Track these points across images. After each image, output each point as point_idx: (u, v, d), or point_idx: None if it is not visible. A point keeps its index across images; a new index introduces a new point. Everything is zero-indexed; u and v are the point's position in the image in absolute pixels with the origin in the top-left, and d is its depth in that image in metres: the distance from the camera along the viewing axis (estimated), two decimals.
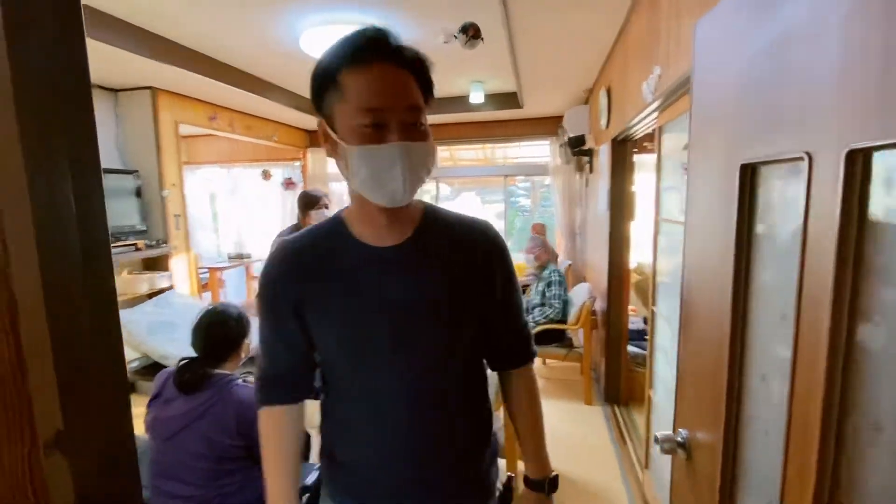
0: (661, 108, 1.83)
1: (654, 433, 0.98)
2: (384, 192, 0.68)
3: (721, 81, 0.80)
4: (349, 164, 0.68)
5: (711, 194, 0.85)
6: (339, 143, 0.69)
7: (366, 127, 0.66)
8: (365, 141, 0.66)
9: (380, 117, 0.66)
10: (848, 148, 0.51)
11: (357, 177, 0.68)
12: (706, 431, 0.87)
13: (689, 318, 0.95)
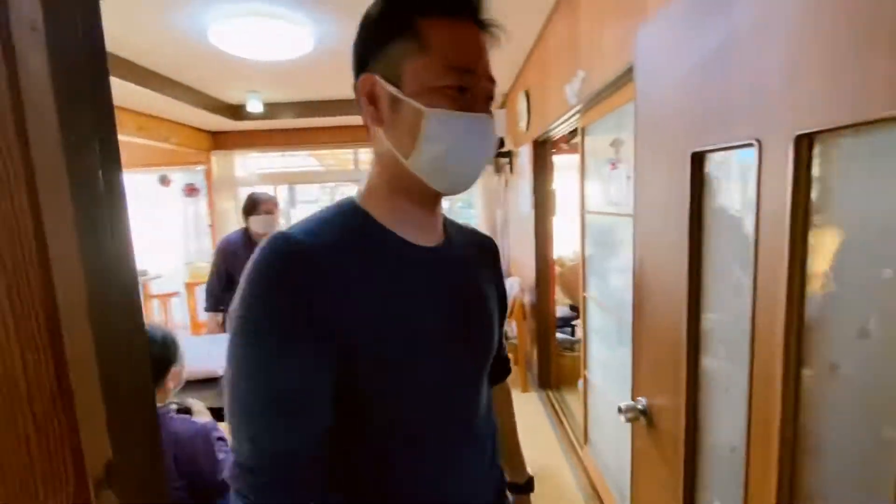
0: (584, 109, 1.99)
1: (619, 404, 1.06)
2: (457, 172, 0.57)
3: (667, 80, 0.90)
4: (421, 133, 0.54)
5: (662, 181, 0.94)
6: (409, 103, 0.54)
7: (450, 89, 0.54)
8: (450, 106, 0.54)
9: (467, 81, 0.55)
10: (796, 133, 0.61)
11: (428, 150, 0.54)
12: (667, 396, 0.97)
13: (644, 295, 1.05)
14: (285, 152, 5.92)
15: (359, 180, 4.74)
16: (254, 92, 4.09)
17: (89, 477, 0.23)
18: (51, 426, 0.22)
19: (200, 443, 1.17)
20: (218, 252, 2.48)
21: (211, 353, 2.25)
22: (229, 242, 2.50)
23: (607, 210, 1.80)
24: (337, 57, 3.21)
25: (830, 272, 0.60)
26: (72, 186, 0.28)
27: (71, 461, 0.22)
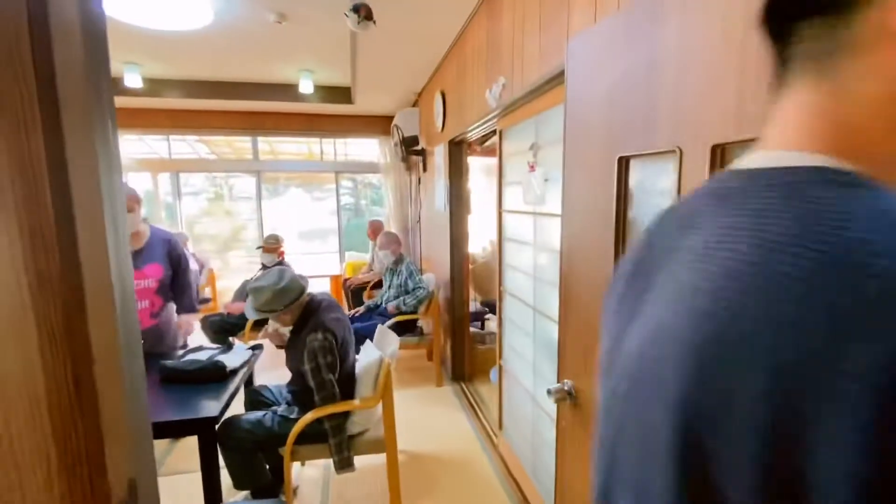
0: (504, 114, 2.09)
1: (548, 387, 1.15)
2: None
3: (597, 88, 0.99)
4: None
5: (590, 182, 1.04)
6: None
7: None
8: None
9: None
10: (712, 143, 0.72)
11: None
12: (592, 378, 1.07)
13: (570, 287, 1.15)
14: (170, 136, 5.25)
15: (259, 171, 4.38)
16: (132, 63, 3.56)
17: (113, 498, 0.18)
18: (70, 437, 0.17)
19: None
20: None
21: None
22: None
23: (524, 209, 1.92)
24: (237, 35, 2.95)
25: None
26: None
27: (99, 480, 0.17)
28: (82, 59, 0.27)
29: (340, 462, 1.83)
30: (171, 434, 2.04)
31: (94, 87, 0.29)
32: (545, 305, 1.77)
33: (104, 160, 0.28)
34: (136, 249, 2.15)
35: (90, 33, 0.29)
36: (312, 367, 1.78)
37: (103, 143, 0.28)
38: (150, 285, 2.19)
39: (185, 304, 2.43)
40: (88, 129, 0.26)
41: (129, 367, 0.24)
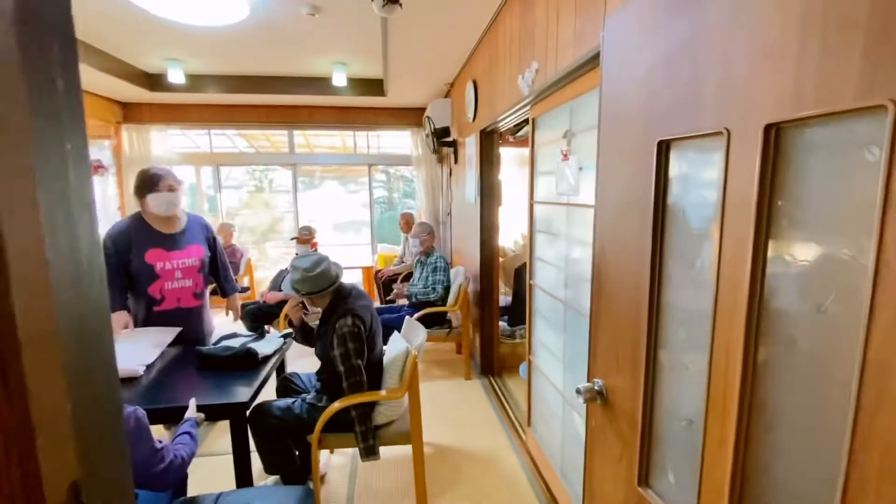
0: (536, 101, 2.02)
1: (578, 386, 1.09)
2: None
3: (635, 68, 0.92)
4: None
5: (626, 169, 0.97)
6: None
7: None
8: None
9: None
10: (765, 123, 0.64)
11: None
12: (624, 376, 1.01)
13: (603, 281, 1.08)
14: (210, 131, 5.44)
15: (295, 165, 4.48)
16: (175, 60, 3.69)
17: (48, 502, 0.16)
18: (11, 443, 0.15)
19: (131, 426, 1.11)
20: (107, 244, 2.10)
21: (126, 350, 2.01)
22: (121, 232, 2.14)
23: (557, 200, 1.84)
24: (273, 29, 2.99)
25: (791, 254, 0.64)
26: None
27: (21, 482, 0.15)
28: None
29: (366, 450, 1.84)
30: (204, 418, 2.11)
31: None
32: (577, 301, 1.70)
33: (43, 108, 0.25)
34: (178, 231, 2.25)
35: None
36: (342, 353, 1.79)
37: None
38: (193, 264, 2.27)
39: (230, 286, 2.57)
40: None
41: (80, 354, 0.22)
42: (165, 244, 2.19)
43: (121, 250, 2.11)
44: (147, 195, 2.14)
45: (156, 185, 2.14)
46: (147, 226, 2.17)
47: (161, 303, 2.21)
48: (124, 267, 2.13)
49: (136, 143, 4.88)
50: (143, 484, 1.15)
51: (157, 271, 2.17)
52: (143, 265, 2.13)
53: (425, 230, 3.48)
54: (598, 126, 1.07)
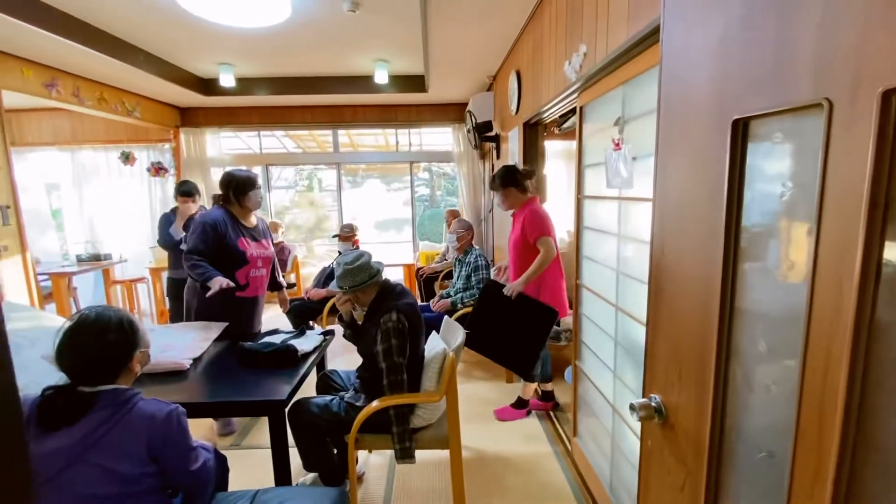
0: (584, 87, 1.88)
1: (632, 402, 0.97)
2: None
3: (703, 38, 0.79)
4: None
5: (692, 155, 0.84)
6: None
7: None
8: None
9: None
10: (881, 89, 0.50)
11: None
12: (688, 393, 0.88)
13: (662, 283, 0.95)
14: (260, 132, 5.64)
15: (339, 163, 4.58)
16: (226, 64, 3.83)
17: None
18: None
19: (175, 423, 1.12)
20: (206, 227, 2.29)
21: (175, 344, 2.07)
22: (218, 218, 2.33)
23: (607, 194, 1.70)
24: (315, 28, 3.01)
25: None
26: None
27: None
28: None
29: (402, 452, 1.79)
30: (244, 413, 2.15)
31: None
32: (630, 304, 1.56)
33: None
34: (255, 226, 2.50)
35: None
36: (385, 348, 1.75)
37: None
38: (269, 255, 2.51)
39: (280, 280, 2.76)
40: None
41: None
42: (251, 235, 2.44)
43: (219, 235, 2.30)
44: (249, 192, 2.38)
45: (254, 184, 2.39)
46: (236, 218, 2.40)
47: (245, 289, 2.40)
48: (218, 251, 2.30)
49: (193, 145, 5.14)
50: (179, 481, 1.15)
51: (248, 256, 2.37)
52: (237, 249, 2.34)
53: (463, 226, 3.39)
54: (657, 109, 0.95)
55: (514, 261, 2.57)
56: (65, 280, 4.15)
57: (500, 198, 2.56)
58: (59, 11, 2.58)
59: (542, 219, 2.42)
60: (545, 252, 2.36)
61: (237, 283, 2.34)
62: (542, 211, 2.47)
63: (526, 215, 2.43)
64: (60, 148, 5.01)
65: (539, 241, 2.38)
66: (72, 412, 1.03)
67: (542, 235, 2.38)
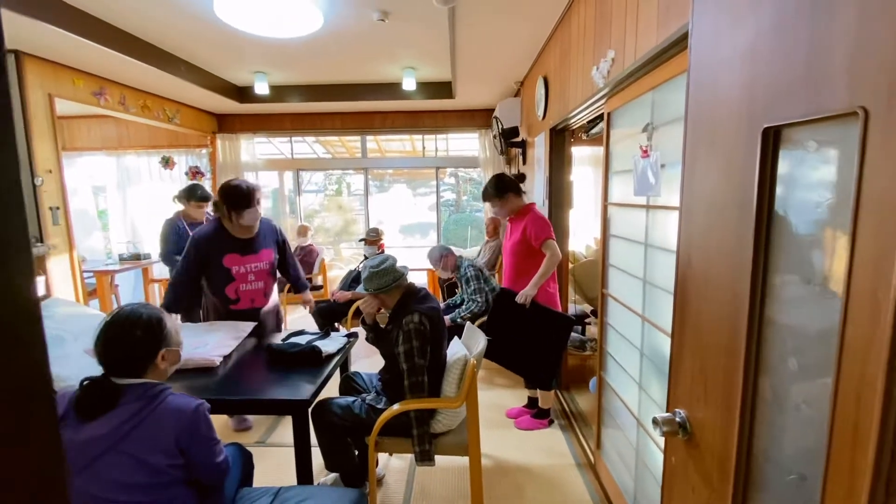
0: (612, 93, 1.85)
1: (655, 416, 0.95)
2: None
3: (734, 44, 0.77)
4: None
5: (718, 164, 0.82)
6: None
7: None
8: None
9: None
10: None
11: None
12: (714, 410, 0.85)
13: (689, 295, 0.93)
14: (292, 138, 5.80)
15: (366, 168, 4.64)
16: (260, 73, 3.97)
17: None
18: None
19: (201, 417, 1.16)
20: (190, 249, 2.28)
21: (207, 341, 2.15)
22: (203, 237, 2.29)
23: (635, 202, 1.67)
24: (346, 38, 3.09)
25: None
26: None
27: None
28: None
29: (421, 454, 1.80)
30: (269, 411, 2.21)
31: None
32: (657, 315, 1.52)
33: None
34: (253, 237, 2.38)
35: None
36: (406, 349, 1.77)
37: None
38: (264, 267, 2.43)
39: (302, 282, 2.73)
40: None
41: None
42: (242, 250, 2.33)
43: (201, 254, 2.28)
44: (243, 210, 2.25)
45: (249, 203, 2.25)
46: (226, 232, 2.31)
47: (237, 302, 2.38)
48: (202, 269, 2.31)
49: (229, 151, 5.34)
50: (202, 473, 1.19)
51: (233, 274, 2.32)
52: (221, 268, 2.29)
53: (437, 254, 3.25)
54: (684, 116, 0.93)
55: (511, 265, 2.61)
56: (108, 278, 4.37)
57: (498, 206, 2.62)
58: (108, 24, 2.74)
59: (546, 223, 2.48)
60: (552, 255, 2.40)
61: (227, 298, 2.34)
62: (543, 216, 2.53)
63: (528, 220, 2.48)
64: (107, 153, 5.30)
65: (544, 244, 2.42)
66: (102, 401, 1.09)
67: (547, 239, 2.43)
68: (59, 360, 1.81)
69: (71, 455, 1.05)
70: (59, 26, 2.44)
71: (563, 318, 2.39)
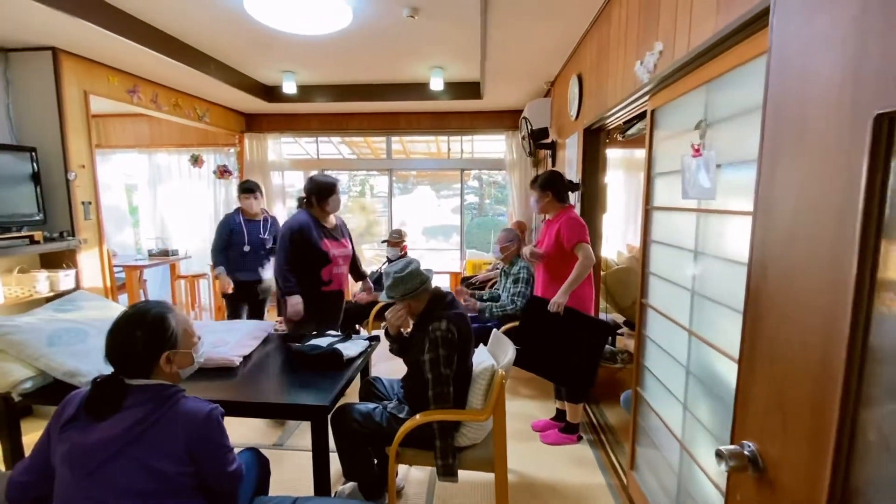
0: (657, 89, 1.73)
1: (719, 448, 0.83)
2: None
3: (831, 15, 0.65)
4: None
5: (809, 160, 0.70)
6: None
7: None
8: None
9: None
10: None
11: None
12: (795, 446, 0.73)
13: (762, 312, 0.81)
14: (318, 138, 5.81)
15: (391, 170, 4.63)
16: (288, 72, 3.96)
17: None
18: None
19: (214, 423, 1.11)
20: (291, 234, 2.49)
21: (228, 340, 2.11)
22: (302, 224, 2.51)
23: (683, 205, 1.54)
24: (374, 35, 3.03)
25: None
26: None
27: None
28: None
29: (444, 469, 1.70)
30: (287, 416, 2.15)
31: None
32: (709, 330, 1.38)
33: None
34: (335, 226, 2.68)
35: None
36: (431, 358, 1.68)
37: None
38: (348, 253, 2.72)
39: (363, 271, 2.95)
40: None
41: None
42: (332, 236, 2.62)
43: (304, 239, 2.49)
44: (329, 198, 2.55)
45: (334, 190, 2.56)
46: (317, 221, 2.57)
47: (329, 284, 2.59)
48: (303, 253, 2.50)
49: (256, 150, 5.38)
50: (214, 482, 1.12)
51: (330, 257, 2.56)
52: (319, 252, 2.53)
53: (508, 238, 3.21)
54: (762, 107, 0.81)
55: (544, 270, 2.51)
56: (136, 273, 4.44)
57: (536, 198, 2.51)
58: (142, 22, 2.76)
59: (580, 226, 2.35)
60: (585, 258, 2.28)
61: (322, 281, 2.55)
62: (580, 219, 2.40)
63: (562, 222, 2.36)
64: (140, 150, 5.42)
65: (577, 247, 2.31)
66: (110, 401, 1.03)
67: (580, 242, 2.31)
68: (81, 355, 1.79)
69: (77, 458, 1.00)
70: (97, 23, 2.46)
71: (599, 324, 2.27)
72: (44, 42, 2.81)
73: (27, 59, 2.88)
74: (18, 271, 2.73)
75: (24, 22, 2.48)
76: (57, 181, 2.96)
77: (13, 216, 2.69)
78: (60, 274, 2.85)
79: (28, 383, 1.70)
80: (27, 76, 2.89)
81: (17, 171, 2.74)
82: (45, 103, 2.90)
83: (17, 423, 1.85)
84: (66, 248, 2.91)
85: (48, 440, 1.07)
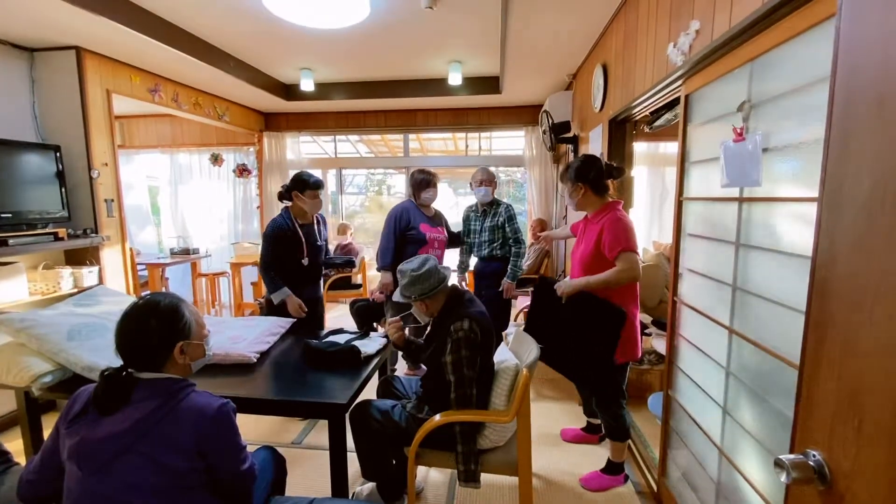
0: (692, 72, 1.63)
1: (779, 457, 0.74)
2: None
3: None
4: None
5: (893, 136, 0.61)
6: None
7: None
8: None
9: None
10: None
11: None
12: (873, 456, 0.64)
13: (832, 309, 0.72)
14: (335, 137, 5.81)
15: (408, 168, 4.59)
16: (306, 69, 3.95)
17: None
18: None
19: (225, 418, 1.06)
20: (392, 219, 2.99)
21: (245, 336, 2.09)
22: (404, 209, 3.01)
23: (722, 195, 1.44)
24: (392, 28, 2.99)
25: None
26: None
27: None
28: None
29: (465, 474, 1.63)
30: (304, 414, 2.11)
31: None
32: (753, 327, 1.28)
33: None
34: (434, 215, 3.12)
35: None
36: (453, 360, 1.61)
37: None
38: (444, 238, 3.11)
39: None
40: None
41: None
42: (430, 222, 3.05)
43: (402, 223, 2.95)
44: (424, 190, 3.01)
45: (427, 185, 3.01)
46: (418, 208, 3.04)
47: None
48: (402, 236, 2.94)
49: (275, 149, 5.40)
50: (226, 481, 1.08)
51: (427, 239, 2.96)
52: (419, 233, 2.96)
53: (486, 175, 3.11)
54: (830, 79, 0.72)
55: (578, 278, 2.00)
56: (158, 270, 4.50)
57: (568, 192, 2.03)
58: (163, 20, 2.77)
59: (627, 230, 1.86)
60: (628, 269, 1.80)
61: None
62: (627, 221, 1.91)
63: (606, 224, 1.89)
64: (162, 150, 5.50)
65: (620, 256, 1.81)
66: (118, 394, 1.00)
67: (624, 250, 1.81)
68: (100, 350, 1.79)
69: (85, 454, 0.96)
70: (119, 21, 2.48)
71: (607, 307, 1.87)
72: (68, 41, 2.85)
73: (52, 58, 2.92)
74: (43, 268, 2.77)
75: (49, 21, 2.51)
76: (80, 179, 3.00)
77: (39, 213, 2.73)
78: (84, 270, 2.88)
79: (48, 377, 1.70)
80: (52, 75, 2.93)
81: (42, 169, 2.78)
82: (69, 102, 2.94)
83: (37, 417, 1.86)
84: (90, 245, 2.95)
85: (57, 436, 1.04)
